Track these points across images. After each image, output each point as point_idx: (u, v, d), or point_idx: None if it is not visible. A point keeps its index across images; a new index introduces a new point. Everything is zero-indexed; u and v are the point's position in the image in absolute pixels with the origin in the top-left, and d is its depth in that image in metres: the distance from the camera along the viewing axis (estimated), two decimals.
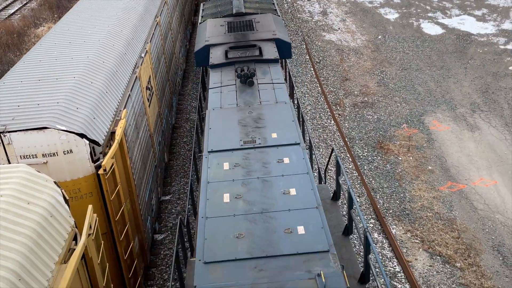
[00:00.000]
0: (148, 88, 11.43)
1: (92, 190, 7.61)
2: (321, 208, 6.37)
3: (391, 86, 17.61)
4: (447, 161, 13.42)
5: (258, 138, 7.78)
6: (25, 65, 8.89)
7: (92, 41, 9.89)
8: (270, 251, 5.76)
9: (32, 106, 7.40)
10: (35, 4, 30.51)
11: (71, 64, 8.80)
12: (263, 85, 9.33)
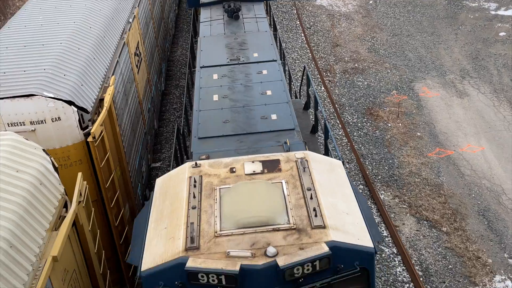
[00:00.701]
0: (136, 54, 11.27)
1: (82, 157, 7.58)
2: (291, 103, 8.17)
3: (382, 52, 17.53)
4: (435, 127, 13.52)
5: (242, 57, 9.42)
6: (10, 30, 8.69)
7: (79, 6, 9.67)
8: (249, 130, 7.55)
9: (18, 72, 7.28)
10: None
11: (57, 30, 8.62)
12: (247, 19, 10.82)
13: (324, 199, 5.64)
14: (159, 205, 6.02)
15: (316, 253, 4.97)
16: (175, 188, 6.03)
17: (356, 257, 5.19)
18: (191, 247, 5.13)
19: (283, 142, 7.14)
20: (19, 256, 4.99)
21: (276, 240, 5.16)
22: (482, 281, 9.29)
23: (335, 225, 5.35)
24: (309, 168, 6.03)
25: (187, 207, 5.61)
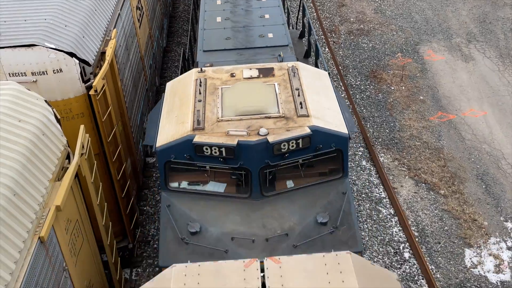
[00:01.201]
0: (138, 8, 11.07)
1: (84, 110, 7.57)
2: (286, 25, 9.16)
3: (388, 13, 17.22)
4: (439, 91, 13.44)
5: (245, 4, 10.13)
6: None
7: None
8: (248, 45, 8.57)
9: (19, 21, 7.17)
10: None
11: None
12: None
13: (309, 96, 6.70)
14: (170, 101, 7.10)
15: (300, 133, 6.14)
16: (183, 88, 7.09)
17: (332, 139, 6.35)
18: (197, 127, 6.32)
19: (277, 55, 8.31)
20: (23, 204, 5.05)
21: (268, 125, 6.34)
22: (477, 242, 9.45)
23: (317, 115, 6.47)
24: (298, 74, 7.09)
25: (194, 100, 6.70)
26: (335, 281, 3.74)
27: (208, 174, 6.53)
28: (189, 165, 6.37)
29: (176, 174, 6.57)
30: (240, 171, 6.34)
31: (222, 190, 6.46)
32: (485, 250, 9.32)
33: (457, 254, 9.30)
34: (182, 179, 6.61)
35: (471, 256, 9.25)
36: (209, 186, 6.53)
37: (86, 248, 6.51)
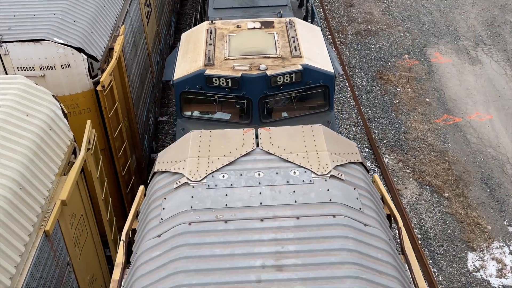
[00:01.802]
0: (146, 5, 11.10)
1: (90, 106, 7.61)
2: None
3: (396, 14, 17.18)
4: (445, 94, 13.41)
5: None
6: None
7: None
8: (252, 5, 9.79)
9: (28, 16, 7.21)
10: None
11: None
12: None
13: (303, 43, 7.73)
14: (184, 47, 8.14)
15: (293, 68, 7.23)
16: (196, 36, 8.19)
17: (320, 76, 7.39)
18: (208, 63, 7.36)
19: (277, 12, 9.42)
20: (29, 197, 5.09)
21: (267, 62, 7.40)
22: (480, 246, 9.44)
23: (308, 57, 7.52)
24: (294, 26, 8.10)
25: (205, 44, 7.73)
26: (309, 141, 5.15)
27: (216, 103, 7.65)
28: (200, 95, 7.47)
29: (189, 104, 7.70)
30: (242, 100, 7.46)
31: (228, 118, 7.64)
32: (488, 254, 9.31)
33: (460, 257, 9.29)
34: (194, 108, 7.75)
35: (474, 260, 9.25)
36: (216, 114, 7.70)
37: (90, 243, 6.56)
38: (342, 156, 5.05)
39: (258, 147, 5.10)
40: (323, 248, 3.96)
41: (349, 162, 5.00)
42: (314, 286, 3.62)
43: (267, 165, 4.85)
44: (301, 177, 4.67)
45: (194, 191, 4.57)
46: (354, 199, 4.52)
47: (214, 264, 3.88)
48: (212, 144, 5.16)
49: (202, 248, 4.03)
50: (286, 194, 4.49)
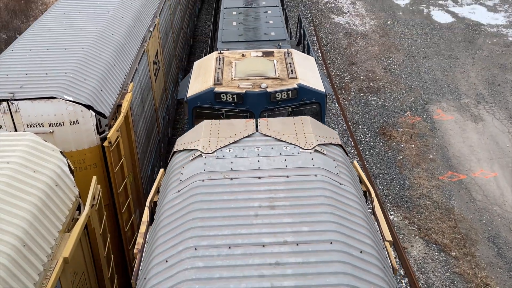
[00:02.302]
0: (155, 63, 11.41)
1: (97, 161, 7.67)
2: (285, 27, 11.50)
3: (398, 72, 17.56)
4: (448, 150, 13.47)
5: (254, 3, 12.88)
6: (34, 33, 8.87)
7: (102, 13, 9.85)
8: (255, 39, 10.96)
9: (40, 75, 7.42)
10: None
11: (80, 35, 8.78)
12: None
13: (298, 68, 8.80)
14: (196, 72, 9.16)
15: (290, 87, 8.31)
16: (207, 63, 9.25)
17: (313, 94, 8.43)
18: (217, 83, 8.39)
19: (277, 45, 10.51)
20: (32, 255, 5.05)
21: (267, 82, 8.46)
22: None
23: (303, 78, 8.55)
24: (291, 55, 9.18)
25: (215, 69, 8.78)
26: (299, 127, 6.28)
27: (223, 117, 8.48)
28: (210, 109, 8.43)
29: (200, 118, 8.33)
30: (246, 113, 8.40)
31: None
32: None
33: None
34: None
35: None
36: None
37: None
38: (325, 138, 6.19)
39: (257, 131, 6.25)
40: (306, 195, 5.11)
41: (331, 144, 6.16)
42: (298, 218, 4.82)
43: (264, 143, 5.99)
44: (291, 151, 5.81)
45: (206, 160, 5.67)
46: (333, 167, 5.64)
47: (222, 205, 5.01)
48: (220, 129, 6.30)
49: (212, 195, 5.14)
50: (279, 162, 5.60)
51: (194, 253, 4.46)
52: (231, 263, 4.35)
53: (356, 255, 4.43)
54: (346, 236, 4.61)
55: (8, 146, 5.86)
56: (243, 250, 4.48)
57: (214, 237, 4.62)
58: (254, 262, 4.36)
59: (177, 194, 5.31)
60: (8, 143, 5.93)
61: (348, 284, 4.13)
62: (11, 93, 6.96)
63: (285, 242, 4.52)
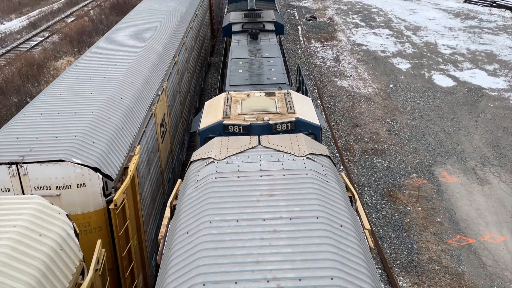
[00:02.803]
0: (162, 125, 11.60)
1: (102, 224, 7.64)
2: (285, 74, 12.59)
3: (402, 135, 17.71)
4: (456, 213, 13.33)
5: (257, 55, 13.89)
6: (46, 98, 9.12)
7: (112, 78, 10.15)
8: (259, 83, 11.96)
9: (50, 138, 7.55)
10: (56, 38, 31.37)
11: (90, 99, 9.01)
12: (263, 41, 15.17)
13: (296, 105, 9.78)
14: (207, 109, 10.09)
15: (289, 119, 9.27)
16: (216, 102, 10.22)
17: (310, 127, 9.33)
18: (225, 117, 9.35)
19: (278, 87, 11.41)
20: None
21: (269, 116, 9.42)
22: None
23: (300, 113, 9.52)
24: (291, 95, 10.19)
25: (223, 106, 9.76)
26: (294, 141, 7.55)
27: None
28: None
29: None
30: None
31: None
32: None
33: None
34: None
35: None
36: None
37: None
38: (315, 150, 7.36)
39: (260, 144, 7.49)
40: (298, 187, 6.35)
41: (320, 154, 7.33)
42: (291, 202, 6.04)
43: (265, 153, 7.22)
44: (287, 157, 7.05)
45: (218, 165, 6.91)
46: (321, 170, 6.88)
47: (231, 194, 6.24)
48: (229, 143, 7.55)
49: (223, 188, 6.36)
50: (277, 165, 6.86)
51: (209, 225, 5.67)
52: (238, 231, 5.55)
53: (336, 227, 5.71)
54: (329, 214, 5.90)
55: (16, 210, 5.88)
56: (248, 223, 5.70)
57: (225, 214, 5.84)
58: (256, 230, 5.56)
59: (195, 189, 6.59)
60: (15, 206, 5.95)
61: (329, 244, 5.38)
62: (20, 156, 7.06)
63: (280, 217, 5.76)
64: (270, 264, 5.08)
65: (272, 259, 5.14)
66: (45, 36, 32.55)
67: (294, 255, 5.20)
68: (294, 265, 5.07)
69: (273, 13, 18.28)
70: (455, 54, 26.43)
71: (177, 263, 5.30)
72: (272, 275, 4.94)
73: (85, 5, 43.75)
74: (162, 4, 17.74)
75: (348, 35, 30.90)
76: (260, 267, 5.04)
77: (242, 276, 4.96)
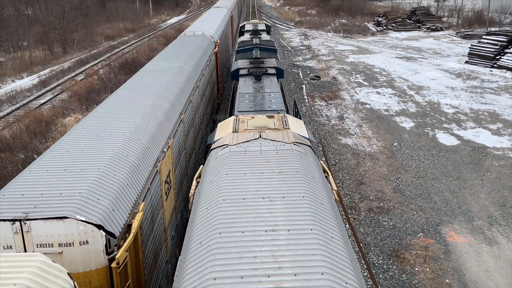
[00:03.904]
0: (167, 182, 11.61)
1: (103, 283, 7.49)
2: (283, 103, 14.72)
3: (407, 193, 17.61)
4: (465, 275, 13.00)
5: (260, 90, 16.11)
6: (53, 154, 9.20)
7: (119, 135, 10.28)
8: (261, 109, 13.76)
9: (55, 195, 7.55)
10: (65, 96, 32.07)
11: (96, 156, 9.09)
12: (265, 81, 17.44)
13: (291, 124, 11.09)
14: (220, 128, 11.52)
15: (286, 142, 9.96)
16: (227, 122, 11.73)
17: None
18: (235, 131, 10.54)
19: (277, 112, 13.30)
20: None
21: (269, 131, 10.54)
22: None
23: (294, 129, 10.71)
24: (286, 117, 11.64)
25: (233, 124, 11.11)
26: (285, 135, 9.93)
27: None
28: None
29: None
30: None
31: None
32: None
33: None
34: None
35: None
36: None
37: None
38: (301, 141, 9.72)
39: (260, 137, 9.71)
40: (286, 159, 8.63)
41: (304, 144, 9.65)
42: (282, 169, 8.19)
43: (264, 141, 9.49)
44: (279, 144, 9.35)
45: (231, 148, 9.27)
46: (303, 151, 9.15)
47: (240, 162, 8.57)
48: (239, 137, 9.84)
49: (235, 159, 8.71)
50: (272, 148, 9.16)
51: (225, 177, 8.02)
52: (243, 185, 7.79)
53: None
54: (310, 186, 7.70)
55: (17, 268, 5.79)
56: (249, 176, 8.06)
57: (236, 173, 8.18)
58: (255, 188, 7.57)
59: (216, 160, 8.98)
60: (17, 264, 5.87)
61: (307, 201, 7.15)
62: (24, 213, 7.04)
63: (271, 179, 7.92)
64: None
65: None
66: (54, 93, 33.29)
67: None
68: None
69: (275, 60, 20.79)
70: (458, 113, 26.72)
71: (203, 203, 7.61)
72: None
73: (95, 64, 45.05)
74: (170, 63, 18.25)
75: (351, 94, 31.45)
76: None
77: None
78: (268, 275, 5.64)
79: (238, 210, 6.97)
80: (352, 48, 50.13)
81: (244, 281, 5.57)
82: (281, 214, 6.81)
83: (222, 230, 6.49)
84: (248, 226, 6.54)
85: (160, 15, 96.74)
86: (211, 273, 5.74)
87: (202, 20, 36.51)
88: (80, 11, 66.04)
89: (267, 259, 5.88)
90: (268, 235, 6.32)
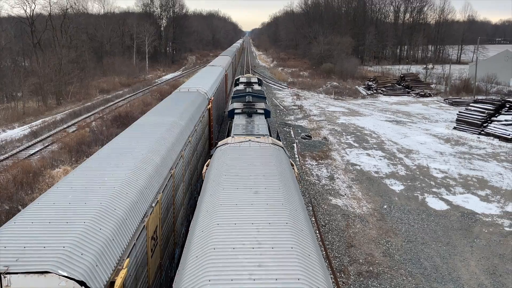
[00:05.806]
0: (153, 238, 11.37)
1: None
2: (268, 129, 18.62)
3: (397, 257, 17.36)
4: None
5: (251, 122, 19.45)
6: (38, 206, 9.03)
7: (107, 188, 10.16)
8: (251, 133, 16.98)
9: (38, 248, 7.34)
10: (55, 147, 31.95)
11: (83, 209, 8.93)
12: (255, 118, 20.65)
13: (272, 139, 14.35)
14: (220, 143, 14.12)
15: (265, 141, 14.13)
16: (225, 139, 14.38)
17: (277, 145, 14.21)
18: (233, 137, 14.26)
19: (262, 135, 15.79)
20: None
21: (256, 138, 14.52)
22: None
23: (275, 143, 13.98)
24: (268, 136, 14.51)
25: (231, 138, 14.37)
26: (267, 140, 14.52)
27: None
28: None
29: None
30: None
31: None
32: None
33: None
34: None
35: None
36: None
37: None
38: (277, 143, 13.93)
39: (250, 140, 13.47)
40: (266, 153, 12.85)
41: (278, 145, 13.85)
42: (263, 160, 12.30)
43: (252, 142, 13.61)
44: (262, 143, 13.61)
45: (231, 146, 13.31)
46: (278, 148, 13.51)
47: (235, 152, 12.85)
48: (235, 139, 13.64)
49: (232, 151, 12.96)
50: (257, 145, 13.49)
51: (227, 160, 11.97)
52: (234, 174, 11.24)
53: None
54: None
55: None
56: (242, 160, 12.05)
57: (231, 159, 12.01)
58: (240, 175, 10.94)
59: (220, 151, 12.88)
60: None
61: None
62: (5, 267, 6.80)
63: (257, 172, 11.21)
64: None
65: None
66: (45, 144, 33.19)
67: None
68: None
69: (264, 104, 25.47)
70: (447, 178, 26.90)
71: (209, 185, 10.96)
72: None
73: (88, 116, 45.31)
74: (163, 118, 18.38)
75: (342, 155, 31.69)
76: None
77: None
78: None
79: (235, 183, 10.66)
80: (343, 109, 51.09)
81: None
82: (261, 183, 10.51)
83: (225, 186, 10.51)
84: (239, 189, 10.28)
85: (156, 71, 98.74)
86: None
87: (197, 77, 37.24)
88: (77, 65, 67.17)
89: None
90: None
